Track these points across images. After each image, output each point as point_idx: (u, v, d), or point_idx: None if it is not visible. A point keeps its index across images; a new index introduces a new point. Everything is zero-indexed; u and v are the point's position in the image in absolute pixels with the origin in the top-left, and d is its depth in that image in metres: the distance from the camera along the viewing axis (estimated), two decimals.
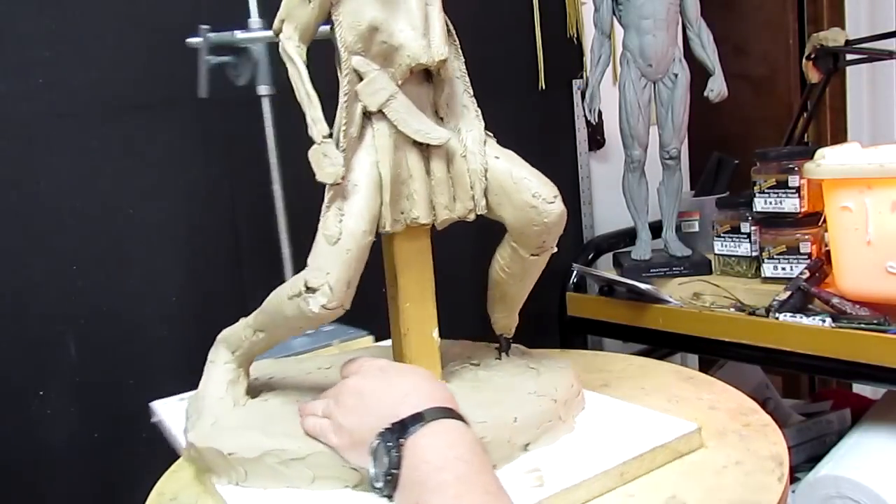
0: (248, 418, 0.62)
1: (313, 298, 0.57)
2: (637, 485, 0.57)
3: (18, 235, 0.89)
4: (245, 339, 0.65)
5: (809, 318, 0.98)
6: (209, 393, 0.65)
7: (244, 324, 0.65)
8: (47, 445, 0.91)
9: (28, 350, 0.90)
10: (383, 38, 0.59)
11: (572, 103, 1.54)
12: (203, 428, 0.61)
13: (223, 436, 0.59)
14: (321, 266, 0.57)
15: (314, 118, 0.59)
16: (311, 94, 0.59)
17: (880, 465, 0.98)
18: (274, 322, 0.62)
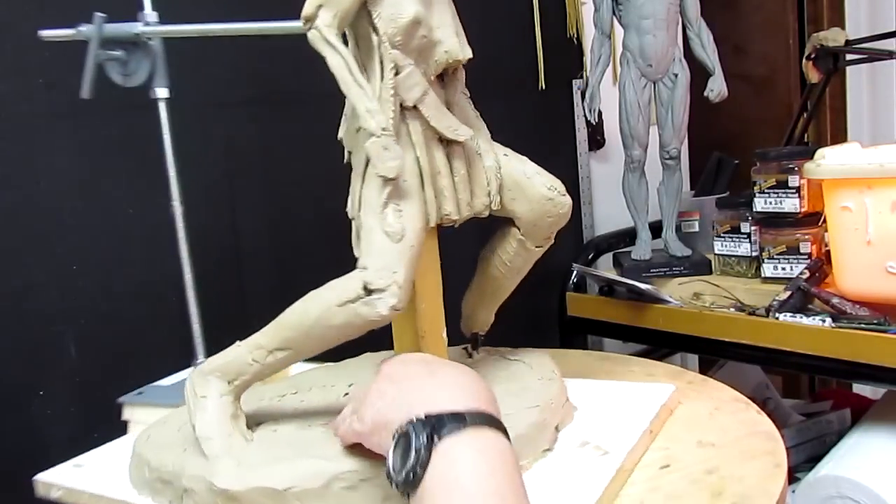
0: (275, 450, 0.57)
1: (381, 301, 0.53)
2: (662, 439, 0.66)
3: (18, 235, 0.89)
4: (252, 364, 0.58)
5: (809, 318, 0.98)
6: (214, 433, 0.57)
7: (250, 347, 0.59)
8: (47, 445, 0.91)
9: (28, 350, 0.90)
10: (424, 32, 0.59)
11: (572, 103, 1.54)
12: (229, 470, 0.54)
13: (264, 473, 0.53)
14: (387, 265, 0.54)
15: (370, 109, 0.55)
16: (363, 83, 0.56)
17: (880, 465, 0.98)
18: (309, 335, 0.57)
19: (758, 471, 0.59)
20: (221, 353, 0.60)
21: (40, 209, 0.90)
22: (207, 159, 1.03)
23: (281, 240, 1.10)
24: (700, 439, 0.65)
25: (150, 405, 0.78)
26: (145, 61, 0.79)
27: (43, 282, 0.91)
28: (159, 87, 0.81)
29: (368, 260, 0.55)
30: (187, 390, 0.60)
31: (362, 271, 0.55)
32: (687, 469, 0.60)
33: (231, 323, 1.05)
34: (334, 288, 0.55)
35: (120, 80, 0.78)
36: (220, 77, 1.03)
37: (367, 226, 0.56)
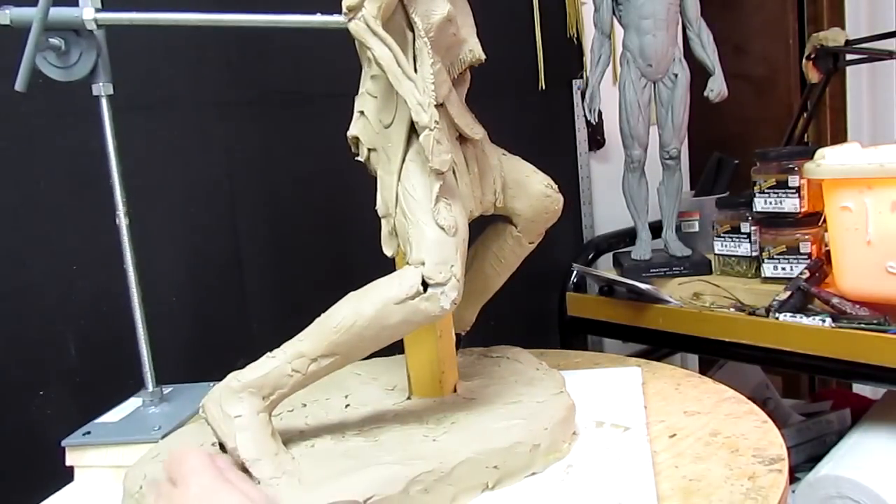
0: (331, 463, 0.54)
1: (443, 295, 0.53)
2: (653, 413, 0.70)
3: (18, 235, 0.89)
4: (292, 376, 0.55)
5: (809, 318, 0.98)
6: (261, 453, 0.53)
7: (289, 357, 0.55)
8: (47, 445, 0.91)
9: (28, 350, 0.90)
10: (454, 30, 0.60)
11: (572, 103, 1.53)
12: (293, 491, 0.51)
13: (336, 487, 0.50)
14: (445, 259, 0.54)
15: (421, 103, 0.54)
16: (413, 76, 0.55)
17: (880, 465, 0.98)
18: (361, 337, 0.54)
19: (752, 428, 0.66)
20: (251, 367, 0.56)
21: (40, 209, 0.90)
22: (207, 159, 1.03)
23: (281, 240, 1.10)
24: (685, 410, 0.70)
25: (99, 446, 0.69)
26: (88, 53, 0.69)
27: (43, 282, 0.91)
28: (102, 83, 0.71)
29: (424, 255, 0.54)
30: (210, 411, 0.55)
31: (419, 267, 0.54)
32: (693, 435, 0.65)
33: (231, 324, 1.06)
34: (388, 285, 0.54)
35: (56, 73, 0.68)
36: (220, 77, 1.03)
37: (417, 221, 0.55)
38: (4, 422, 0.88)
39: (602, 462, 0.60)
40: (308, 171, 1.12)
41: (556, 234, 0.75)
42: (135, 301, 0.77)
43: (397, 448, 0.57)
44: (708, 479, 0.57)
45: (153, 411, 0.75)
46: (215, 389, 0.56)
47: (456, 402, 0.66)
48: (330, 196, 1.14)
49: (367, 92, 0.60)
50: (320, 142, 1.12)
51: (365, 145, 0.61)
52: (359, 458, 0.55)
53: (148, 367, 0.76)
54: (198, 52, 1.01)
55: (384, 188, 0.59)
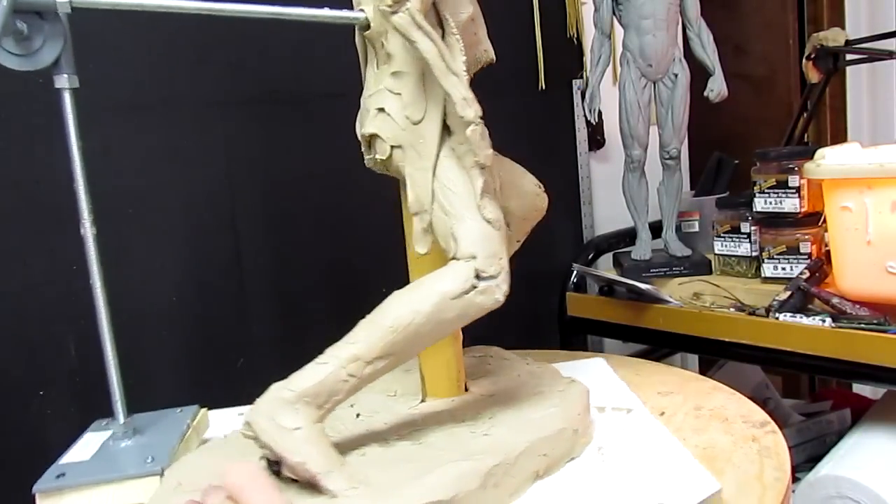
0: (394, 468, 0.53)
1: (497, 287, 0.54)
2: None
3: (18, 235, 0.89)
4: (348, 381, 0.52)
5: (809, 318, 0.98)
6: (330, 465, 0.50)
7: (343, 361, 0.52)
8: (47, 445, 0.91)
9: (28, 350, 0.90)
10: (475, 30, 0.61)
11: (572, 103, 1.53)
12: (373, 499, 0.49)
13: (416, 491, 0.49)
14: (494, 252, 0.54)
15: (466, 98, 0.55)
16: (458, 71, 0.55)
17: (880, 465, 0.98)
18: (418, 335, 0.53)
19: (727, 400, 0.72)
20: (301, 375, 0.53)
21: (40, 209, 0.90)
22: (207, 159, 1.03)
23: (281, 240, 1.10)
24: (658, 391, 0.75)
25: (80, 488, 0.62)
26: (53, 39, 0.60)
27: (43, 282, 0.91)
28: (67, 74, 0.62)
29: (474, 248, 0.54)
30: (261, 426, 0.51)
31: (470, 260, 0.54)
32: (681, 411, 0.71)
33: (231, 324, 1.06)
34: (442, 281, 0.53)
35: (14, 62, 0.60)
36: (220, 77, 1.03)
37: (461, 215, 0.55)
38: (4, 422, 0.88)
39: (628, 442, 0.63)
40: (308, 171, 1.12)
41: (556, 234, 0.75)
42: (103, 323, 0.67)
43: (453, 447, 0.56)
44: (719, 446, 0.62)
45: (128, 445, 0.67)
46: (261, 403, 0.52)
47: (479, 400, 0.66)
48: (330, 196, 1.14)
49: (386, 89, 0.60)
50: (320, 142, 1.13)
51: (387, 142, 0.60)
52: (419, 461, 0.54)
53: (119, 396, 0.68)
54: (198, 51, 1.01)
55: (416, 185, 0.58)
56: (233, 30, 1.04)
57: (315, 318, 1.12)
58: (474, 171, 0.56)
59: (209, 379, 1.03)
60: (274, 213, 1.09)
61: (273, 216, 1.09)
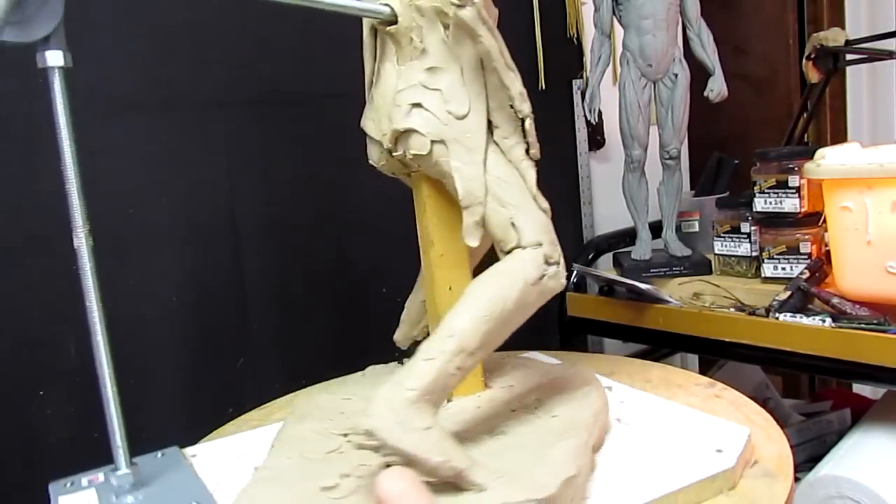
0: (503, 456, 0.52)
1: (561, 272, 0.57)
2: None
3: (18, 235, 0.89)
4: (455, 374, 0.51)
5: (809, 318, 0.98)
6: (469, 459, 0.49)
7: (450, 354, 0.51)
8: (47, 445, 0.91)
9: (28, 350, 0.90)
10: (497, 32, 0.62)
11: (572, 103, 1.54)
12: (521, 484, 0.48)
13: (551, 468, 0.50)
14: (553, 240, 0.58)
15: (522, 92, 0.58)
16: (514, 67, 0.58)
17: (880, 465, 0.98)
18: (507, 323, 0.54)
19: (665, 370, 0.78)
20: (414, 373, 0.50)
21: (40, 209, 0.90)
22: (207, 159, 1.03)
23: (281, 240, 1.10)
24: (598, 373, 0.75)
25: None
26: (49, 8, 0.53)
27: (43, 282, 0.91)
28: (61, 51, 0.54)
29: (539, 236, 0.57)
30: (392, 431, 0.47)
31: (538, 247, 0.56)
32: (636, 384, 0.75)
33: (231, 323, 1.06)
34: (521, 268, 0.55)
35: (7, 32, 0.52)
36: (220, 77, 1.03)
37: (521, 206, 0.58)
38: (4, 422, 0.88)
39: (638, 412, 0.67)
40: (308, 171, 1.12)
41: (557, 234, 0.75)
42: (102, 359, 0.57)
43: (536, 431, 0.57)
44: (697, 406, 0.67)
45: (134, 500, 0.56)
46: (380, 408, 0.48)
47: (507, 391, 0.67)
48: (330, 196, 1.14)
49: (420, 84, 0.60)
50: (320, 142, 1.13)
51: (427, 137, 0.59)
52: (521, 447, 0.54)
53: (121, 442, 0.57)
54: (198, 51, 1.01)
55: (467, 179, 0.58)
56: (234, 30, 1.04)
57: (315, 318, 1.12)
58: (526, 163, 0.59)
59: (209, 379, 1.03)
60: (274, 213, 1.09)
61: (273, 216, 1.09)
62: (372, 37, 0.64)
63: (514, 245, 0.57)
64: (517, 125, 0.61)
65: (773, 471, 0.57)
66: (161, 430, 0.77)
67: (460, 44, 0.59)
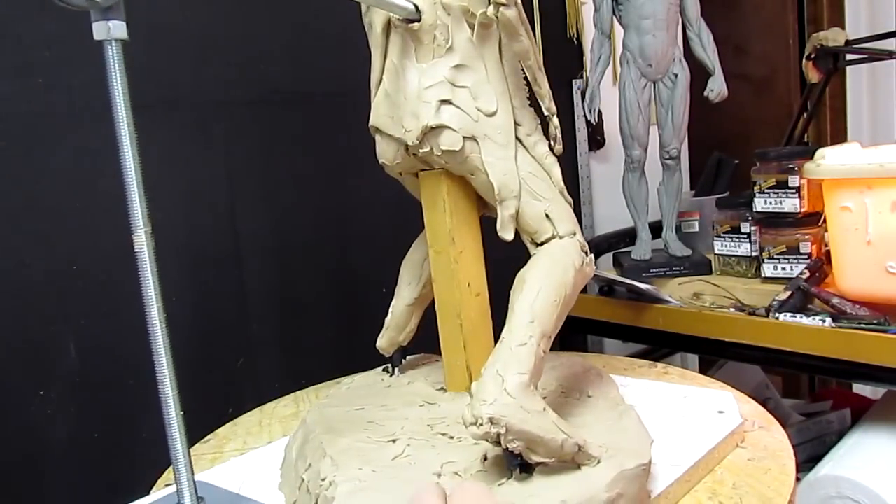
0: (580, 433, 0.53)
1: (592, 258, 0.61)
2: None
3: (18, 235, 0.89)
4: (543, 356, 0.52)
5: (809, 318, 0.98)
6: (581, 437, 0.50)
7: (537, 338, 0.51)
8: (47, 445, 0.91)
9: (28, 350, 0.90)
10: None
11: (572, 103, 1.54)
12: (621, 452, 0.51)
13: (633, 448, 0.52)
14: (579, 231, 0.62)
15: (549, 92, 0.61)
16: (542, 67, 0.61)
17: (880, 465, 0.98)
18: (567, 306, 0.57)
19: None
20: (515, 358, 0.50)
21: (40, 209, 0.90)
22: (207, 159, 1.03)
23: (281, 240, 1.10)
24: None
25: None
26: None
27: (43, 282, 0.91)
28: (117, 21, 0.48)
29: (573, 227, 0.61)
30: (516, 416, 0.47)
31: (573, 236, 0.60)
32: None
33: (231, 324, 1.06)
34: (569, 255, 0.59)
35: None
36: (220, 77, 1.03)
37: (553, 198, 0.61)
38: (4, 422, 0.88)
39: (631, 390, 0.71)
40: (308, 170, 1.12)
41: None
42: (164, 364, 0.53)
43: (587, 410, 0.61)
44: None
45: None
46: (499, 395, 0.48)
47: None
48: (330, 196, 1.14)
49: (448, 81, 0.60)
50: (320, 142, 1.13)
51: (459, 133, 0.60)
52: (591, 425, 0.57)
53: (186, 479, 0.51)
54: (198, 51, 1.01)
55: (501, 173, 0.60)
56: (233, 30, 1.04)
57: (315, 318, 1.12)
58: (551, 159, 0.63)
59: (209, 379, 1.03)
60: (274, 213, 1.09)
61: (273, 216, 1.09)
62: (384, 34, 0.63)
63: (549, 235, 0.60)
64: (537, 123, 0.65)
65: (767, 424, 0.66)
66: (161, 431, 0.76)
67: (485, 43, 0.60)
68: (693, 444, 0.59)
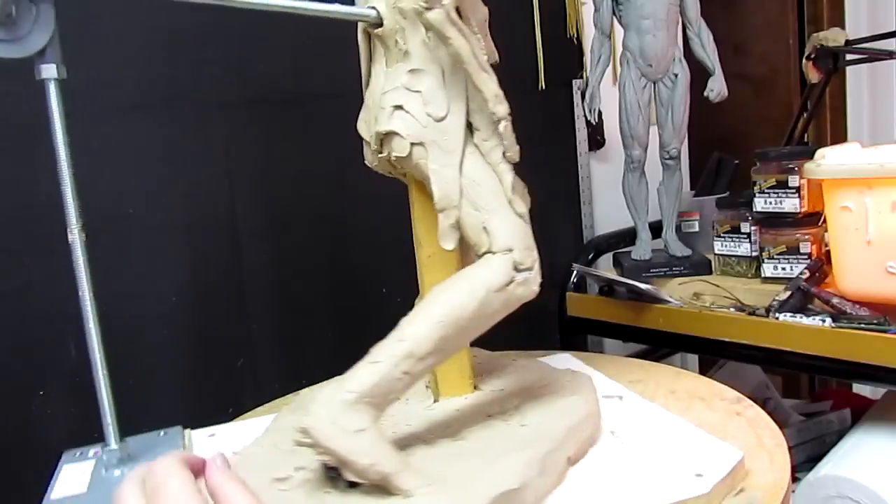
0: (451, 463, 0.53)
1: (533, 279, 0.55)
2: None
3: (18, 235, 0.89)
4: (403, 378, 0.51)
5: (809, 318, 0.98)
6: (401, 464, 0.49)
7: (397, 358, 0.51)
8: (47, 445, 0.91)
9: (28, 350, 0.90)
10: (486, 31, 0.61)
11: (572, 103, 1.54)
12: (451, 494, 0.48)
13: (487, 482, 0.49)
14: (528, 245, 0.56)
15: (498, 94, 0.56)
16: (487, 68, 0.56)
17: (880, 465, 0.98)
18: (466, 330, 0.53)
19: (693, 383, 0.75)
20: (357, 376, 0.51)
21: (40, 209, 0.90)
22: (207, 159, 1.03)
23: (281, 240, 1.10)
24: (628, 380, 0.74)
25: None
26: (42, 24, 0.57)
27: (43, 282, 0.91)
28: (56, 63, 0.59)
29: (510, 242, 0.55)
30: (325, 432, 0.48)
31: (508, 253, 0.55)
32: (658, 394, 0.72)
33: (231, 323, 1.06)
34: (485, 274, 0.54)
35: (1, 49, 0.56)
36: (220, 77, 1.03)
37: (494, 210, 0.56)
38: (4, 422, 0.88)
39: (637, 425, 0.64)
40: (308, 171, 1.12)
41: (556, 234, 0.75)
42: (93, 339, 0.64)
43: (498, 439, 0.57)
44: (710, 422, 0.63)
45: (122, 473, 0.62)
46: (319, 408, 0.49)
47: (495, 394, 0.66)
48: (330, 196, 1.14)
49: (403, 86, 0.59)
50: (320, 142, 1.13)
51: (407, 140, 0.59)
52: (473, 454, 0.54)
53: (111, 419, 0.63)
54: (198, 51, 1.01)
55: (443, 181, 0.58)
56: (233, 30, 1.04)
57: (315, 318, 1.12)
58: (503, 167, 0.58)
59: (209, 379, 1.03)
60: (274, 213, 1.09)
61: (273, 216, 1.09)
62: (365, 40, 0.64)
63: (485, 250, 0.56)
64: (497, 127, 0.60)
65: (759, 501, 0.54)
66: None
67: (440, 45, 0.58)
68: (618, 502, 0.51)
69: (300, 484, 0.52)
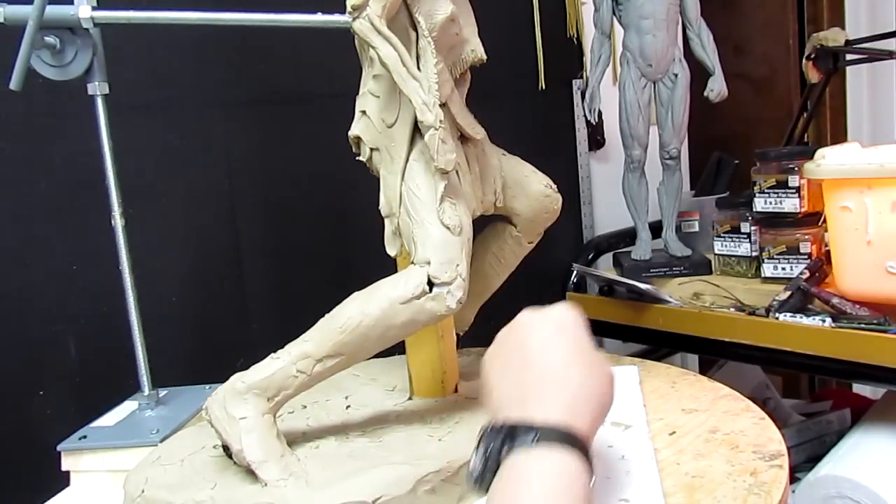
0: (337, 465, 0.54)
1: (449, 294, 0.53)
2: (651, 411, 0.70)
3: (18, 235, 0.89)
4: (297, 377, 0.54)
5: (809, 318, 0.98)
6: (267, 455, 0.53)
7: (294, 358, 0.55)
8: (47, 445, 0.91)
9: (28, 350, 0.90)
10: (456, 30, 0.60)
11: (572, 103, 1.53)
12: (301, 493, 0.51)
13: (343, 489, 0.50)
14: (450, 258, 0.54)
15: (427, 102, 0.54)
16: (417, 76, 0.55)
17: (880, 465, 0.98)
18: (367, 338, 0.54)
19: (750, 424, 0.66)
20: (255, 368, 0.56)
21: (40, 209, 0.90)
22: (207, 159, 1.03)
23: (281, 240, 1.10)
24: (682, 407, 0.71)
25: (96, 450, 0.69)
26: (84, 51, 0.69)
27: (43, 282, 0.91)
28: (98, 82, 0.71)
29: (430, 254, 0.54)
30: (214, 413, 0.55)
31: (424, 266, 0.54)
32: (693, 433, 0.66)
33: (231, 323, 1.06)
34: (393, 285, 0.54)
35: (51, 72, 0.69)
36: (220, 77, 1.03)
37: (422, 220, 0.55)
38: (4, 422, 0.88)
39: (605, 460, 0.60)
40: (308, 171, 1.12)
41: (556, 234, 0.75)
42: (131, 304, 0.76)
43: (403, 449, 0.57)
44: (710, 476, 0.58)
45: (149, 415, 0.75)
46: (219, 391, 0.56)
47: (458, 402, 0.67)
48: (330, 196, 1.14)
49: (369, 92, 0.60)
50: (320, 142, 1.12)
51: (367, 145, 0.61)
52: (365, 459, 0.55)
53: (144, 371, 0.76)
54: (198, 51, 1.01)
55: (387, 188, 0.59)
56: (233, 31, 1.04)
57: (315, 319, 1.12)
58: (436, 176, 0.56)
59: (209, 379, 1.03)
60: (274, 213, 1.09)
61: (273, 216, 1.09)
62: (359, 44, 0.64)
63: (412, 259, 0.56)
64: (455, 134, 0.61)
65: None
66: None
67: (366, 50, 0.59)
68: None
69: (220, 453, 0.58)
